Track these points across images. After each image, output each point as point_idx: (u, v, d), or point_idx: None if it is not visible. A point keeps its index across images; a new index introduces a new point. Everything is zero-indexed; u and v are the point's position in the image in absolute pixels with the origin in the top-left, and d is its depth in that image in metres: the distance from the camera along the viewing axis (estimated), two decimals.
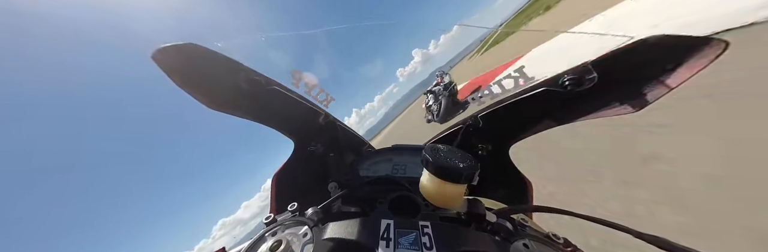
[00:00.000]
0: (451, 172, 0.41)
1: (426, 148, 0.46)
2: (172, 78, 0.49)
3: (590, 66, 0.49)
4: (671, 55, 0.42)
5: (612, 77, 0.49)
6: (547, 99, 0.60)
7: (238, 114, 0.64)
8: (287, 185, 0.86)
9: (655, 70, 0.46)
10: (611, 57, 0.47)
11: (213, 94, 0.57)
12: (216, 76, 0.56)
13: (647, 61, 0.45)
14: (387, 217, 0.43)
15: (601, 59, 0.48)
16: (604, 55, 0.47)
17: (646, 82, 0.47)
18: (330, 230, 0.42)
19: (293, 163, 0.87)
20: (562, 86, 0.53)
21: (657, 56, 0.44)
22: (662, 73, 0.45)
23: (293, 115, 0.78)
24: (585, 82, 0.51)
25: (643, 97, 0.48)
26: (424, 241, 0.38)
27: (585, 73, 0.50)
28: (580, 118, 0.61)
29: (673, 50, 0.41)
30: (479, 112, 0.77)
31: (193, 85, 0.52)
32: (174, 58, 0.48)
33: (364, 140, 1.06)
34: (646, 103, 0.48)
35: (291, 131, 0.83)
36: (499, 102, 0.68)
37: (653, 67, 0.46)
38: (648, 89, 0.47)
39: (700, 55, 0.40)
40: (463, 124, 0.85)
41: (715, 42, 0.38)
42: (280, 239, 0.41)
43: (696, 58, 0.40)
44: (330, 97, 0.72)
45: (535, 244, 0.43)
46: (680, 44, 0.40)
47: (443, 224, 0.42)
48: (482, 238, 0.42)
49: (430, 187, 0.48)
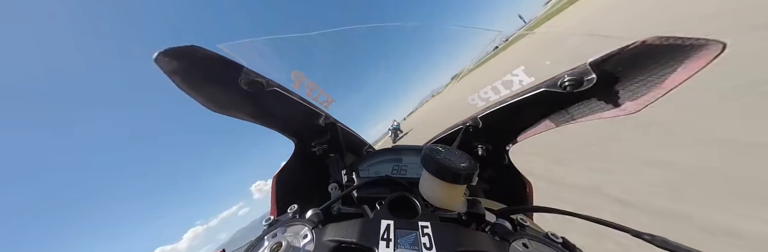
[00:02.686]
0: (451, 173, 0.41)
1: (426, 148, 0.46)
2: (174, 80, 0.49)
3: (589, 67, 0.50)
4: (669, 56, 0.43)
5: (611, 78, 0.50)
6: (546, 100, 0.60)
7: (240, 116, 0.64)
8: (287, 186, 0.86)
9: (653, 71, 0.46)
10: (610, 58, 0.47)
11: (215, 97, 0.57)
12: (218, 79, 0.56)
13: (646, 62, 0.45)
14: (387, 218, 0.44)
15: (600, 60, 0.48)
16: (603, 55, 0.47)
17: (645, 83, 0.47)
18: (330, 231, 0.42)
19: (293, 165, 0.87)
20: (562, 87, 0.54)
21: (655, 57, 0.44)
22: (661, 74, 0.45)
23: (294, 116, 0.79)
24: (584, 83, 0.51)
25: (642, 98, 0.48)
26: (424, 241, 0.38)
27: (584, 74, 0.51)
28: (578, 119, 0.61)
29: (672, 51, 0.42)
30: (479, 113, 0.77)
31: (195, 87, 0.53)
32: (176, 60, 0.48)
33: (365, 141, 1.07)
34: (645, 104, 0.48)
35: (291, 132, 0.84)
36: (499, 103, 0.68)
37: (652, 68, 0.46)
38: (647, 90, 0.47)
39: (698, 55, 0.40)
40: (463, 125, 0.85)
41: (712, 43, 0.38)
42: (280, 241, 0.41)
43: (694, 59, 0.41)
44: (330, 99, 0.72)
45: (535, 244, 0.43)
46: (678, 45, 0.40)
47: (443, 224, 0.42)
48: (482, 238, 0.42)
49: (429, 187, 0.48)
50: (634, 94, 0.49)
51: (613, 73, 0.49)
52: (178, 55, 0.47)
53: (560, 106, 0.63)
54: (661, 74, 0.45)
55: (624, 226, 0.43)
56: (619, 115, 0.52)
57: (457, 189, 0.47)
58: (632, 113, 0.51)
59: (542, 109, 0.67)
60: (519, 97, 0.62)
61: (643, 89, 0.48)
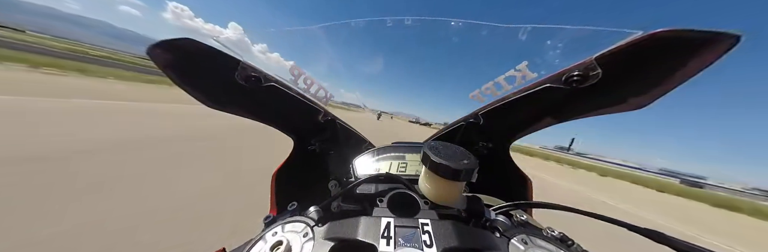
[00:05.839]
0: (451, 170, 0.41)
1: (425, 145, 0.46)
2: (168, 74, 0.48)
3: (594, 62, 0.48)
4: (679, 50, 0.41)
5: (617, 73, 0.48)
6: (549, 96, 0.59)
7: (237, 112, 0.63)
8: (287, 184, 0.86)
9: (661, 66, 0.44)
10: (616, 52, 0.45)
11: (211, 92, 0.56)
12: (214, 73, 0.55)
13: (654, 56, 0.44)
14: (387, 215, 0.43)
15: (605, 55, 0.47)
16: (609, 50, 0.46)
17: (652, 78, 0.46)
18: (330, 229, 0.42)
19: (293, 162, 0.87)
20: (566, 83, 0.52)
21: (664, 51, 0.42)
22: (669, 69, 0.43)
23: (292, 112, 0.78)
24: (589, 78, 0.50)
25: (649, 94, 0.47)
26: (425, 238, 0.38)
27: (589, 70, 0.49)
28: (582, 115, 0.60)
29: (681, 45, 0.40)
30: (480, 110, 0.76)
31: (190, 81, 0.52)
32: (170, 53, 0.47)
33: (364, 138, 1.06)
34: (652, 100, 0.47)
35: (291, 129, 0.83)
36: (501, 99, 0.67)
37: (660, 62, 0.44)
38: (654, 85, 0.46)
39: (710, 49, 0.38)
40: (464, 122, 0.84)
41: (725, 35, 0.36)
42: (280, 239, 0.41)
43: (705, 53, 0.39)
44: (329, 95, 0.71)
45: (534, 240, 0.43)
46: (689, 38, 0.38)
47: (443, 221, 0.42)
48: (482, 234, 0.42)
49: (429, 184, 0.48)
50: (640, 90, 0.48)
51: (619, 67, 0.47)
52: (172, 47, 0.46)
53: (564, 102, 0.62)
54: (669, 68, 0.43)
55: (621, 221, 0.43)
56: (625, 110, 0.51)
57: (457, 186, 0.47)
58: (638, 108, 0.50)
59: (545, 106, 0.66)
60: (521, 94, 0.61)
61: (651, 84, 0.46)
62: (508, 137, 0.83)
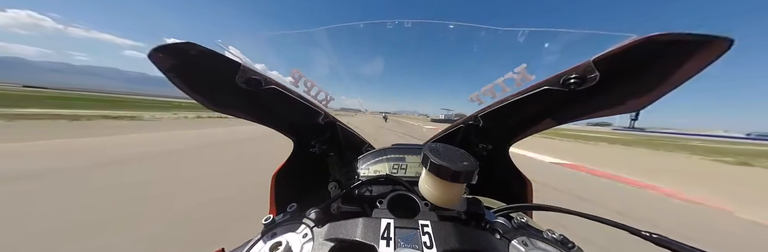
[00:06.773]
0: (451, 172, 0.41)
1: (426, 147, 0.46)
2: (170, 78, 0.49)
3: (592, 64, 0.49)
4: (675, 53, 0.42)
5: (614, 76, 0.49)
6: (547, 98, 0.59)
7: (237, 114, 0.64)
8: (286, 185, 0.86)
9: (658, 68, 0.45)
10: (614, 55, 0.46)
11: (212, 94, 0.57)
12: (215, 76, 0.55)
13: (650, 58, 0.45)
14: (387, 217, 0.43)
15: (603, 57, 0.47)
16: (607, 52, 0.46)
17: (650, 80, 0.46)
18: (330, 230, 0.42)
19: (293, 163, 0.87)
20: (564, 85, 0.53)
21: (660, 54, 0.43)
22: (666, 71, 0.44)
23: (293, 114, 0.78)
24: (587, 80, 0.50)
25: (646, 96, 0.48)
26: (425, 240, 0.38)
27: (587, 72, 0.50)
28: (581, 117, 0.60)
29: (677, 48, 0.41)
30: (479, 112, 0.76)
31: (191, 84, 0.52)
32: (171, 57, 0.47)
33: (364, 140, 1.06)
34: (649, 102, 0.48)
35: (291, 131, 0.83)
36: (500, 101, 0.68)
37: (656, 65, 0.45)
38: (651, 87, 0.47)
39: (704, 52, 0.39)
40: (464, 124, 0.84)
41: (719, 39, 0.37)
42: (279, 240, 0.41)
43: (700, 56, 0.40)
44: (329, 97, 0.72)
45: (534, 242, 0.43)
46: (684, 41, 0.39)
47: (443, 223, 0.42)
48: (482, 236, 0.42)
49: (429, 186, 0.48)
50: (638, 92, 0.48)
51: (617, 70, 0.48)
52: (174, 51, 0.47)
53: (562, 104, 0.62)
54: (666, 71, 0.44)
55: (622, 224, 0.43)
56: (623, 112, 0.51)
57: (457, 188, 0.47)
58: (636, 110, 0.50)
59: (544, 108, 0.66)
60: (520, 96, 0.61)
61: (648, 86, 0.47)
62: (507, 139, 0.84)
